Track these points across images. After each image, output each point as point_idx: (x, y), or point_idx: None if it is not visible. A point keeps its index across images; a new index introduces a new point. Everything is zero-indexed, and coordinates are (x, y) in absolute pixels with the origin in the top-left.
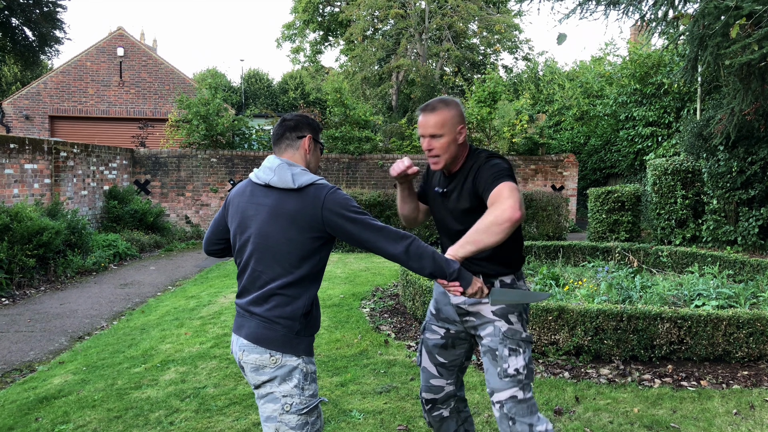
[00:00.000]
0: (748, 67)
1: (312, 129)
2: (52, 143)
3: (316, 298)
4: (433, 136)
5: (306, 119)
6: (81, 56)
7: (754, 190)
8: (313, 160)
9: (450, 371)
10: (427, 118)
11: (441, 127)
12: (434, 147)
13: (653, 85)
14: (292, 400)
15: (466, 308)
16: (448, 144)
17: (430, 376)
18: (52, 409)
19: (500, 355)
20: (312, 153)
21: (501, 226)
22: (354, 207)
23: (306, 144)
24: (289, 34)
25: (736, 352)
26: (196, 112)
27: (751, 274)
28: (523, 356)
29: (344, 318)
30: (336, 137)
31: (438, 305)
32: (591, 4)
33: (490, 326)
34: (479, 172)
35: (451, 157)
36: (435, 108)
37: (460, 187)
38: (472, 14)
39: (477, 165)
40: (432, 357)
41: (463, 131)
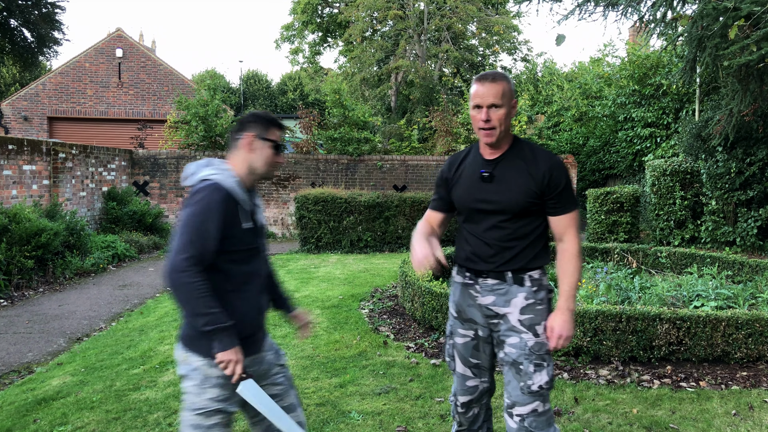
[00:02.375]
0: (747, 68)
1: (258, 126)
2: (50, 144)
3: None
4: (493, 107)
5: (252, 117)
6: (80, 57)
7: (752, 191)
8: (257, 159)
9: (483, 371)
10: (487, 87)
11: (501, 97)
12: (492, 118)
13: (652, 86)
14: (189, 398)
15: (495, 310)
16: (505, 116)
17: (465, 379)
18: (51, 410)
19: (525, 370)
20: (256, 152)
21: (581, 258)
22: (188, 213)
23: (245, 143)
24: (288, 36)
25: (735, 352)
26: (194, 113)
27: (750, 274)
28: (547, 370)
29: (343, 319)
30: (335, 138)
31: (459, 307)
32: (590, 5)
33: (516, 337)
34: (557, 177)
35: (505, 131)
36: (495, 78)
37: (511, 173)
38: (471, 15)
39: (547, 161)
40: (465, 360)
41: (515, 105)
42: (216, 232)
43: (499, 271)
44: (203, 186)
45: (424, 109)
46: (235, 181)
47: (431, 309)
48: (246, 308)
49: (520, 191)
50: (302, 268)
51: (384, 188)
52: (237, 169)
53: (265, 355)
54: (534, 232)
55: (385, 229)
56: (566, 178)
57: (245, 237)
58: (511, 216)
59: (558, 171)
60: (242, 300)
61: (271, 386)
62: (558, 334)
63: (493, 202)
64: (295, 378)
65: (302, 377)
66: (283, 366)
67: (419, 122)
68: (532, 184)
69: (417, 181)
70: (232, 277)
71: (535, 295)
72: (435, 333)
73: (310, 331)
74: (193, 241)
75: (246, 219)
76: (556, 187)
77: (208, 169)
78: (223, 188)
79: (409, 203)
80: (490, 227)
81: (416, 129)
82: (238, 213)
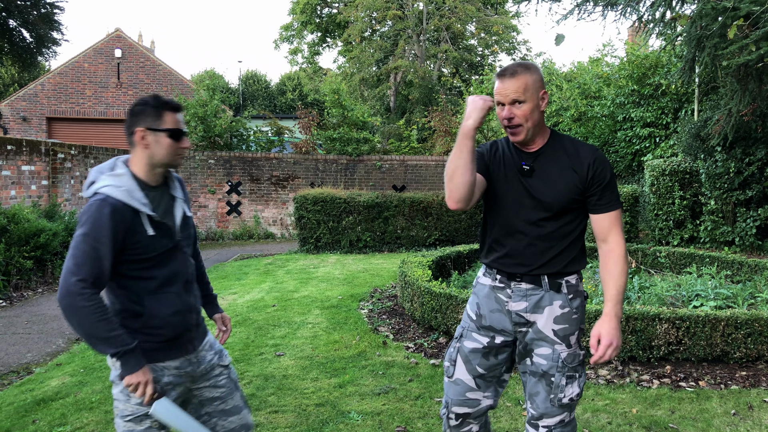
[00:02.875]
0: (746, 68)
1: (148, 117)
2: (49, 145)
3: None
4: (515, 103)
5: (139, 107)
6: (78, 58)
7: (751, 190)
8: (155, 154)
9: (488, 383)
10: (506, 83)
11: (523, 92)
12: (515, 115)
13: (651, 86)
14: (118, 405)
15: (526, 317)
16: (531, 111)
17: (466, 388)
18: (50, 411)
19: (557, 383)
20: (152, 146)
21: (627, 261)
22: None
23: (137, 139)
24: (287, 36)
25: (734, 352)
26: (193, 113)
27: (749, 274)
28: (578, 381)
29: (342, 319)
30: (334, 138)
31: (481, 310)
32: (589, 5)
33: (548, 348)
34: (602, 171)
35: (534, 125)
36: (515, 72)
37: (553, 167)
38: (470, 15)
39: (591, 153)
40: (470, 367)
41: (545, 97)
42: (109, 252)
43: (535, 275)
44: (91, 203)
45: (423, 109)
46: (126, 189)
47: (431, 309)
48: (167, 311)
49: (564, 186)
50: (301, 269)
51: (383, 188)
52: (136, 168)
53: (204, 356)
54: (573, 232)
55: (385, 229)
56: (611, 173)
57: (153, 243)
58: (552, 214)
59: (603, 165)
60: (162, 303)
61: (212, 388)
62: (608, 343)
63: (534, 197)
64: (294, 378)
65: (301, 377)
66: (226, 367)
67: (418, 122)
68: (576, 179)
69: (416, 181)
70: (148, 281)
71: (570, 303)
72: (434, 333)
73: (227, 338)
74: (84, 264)
75: (151, 225)
76: (600, 182)
77: (102, 179)
78: (111, 203)
79: (408, 203)
80: (529, 225)
81: (415, 129)
82: (139, 221)
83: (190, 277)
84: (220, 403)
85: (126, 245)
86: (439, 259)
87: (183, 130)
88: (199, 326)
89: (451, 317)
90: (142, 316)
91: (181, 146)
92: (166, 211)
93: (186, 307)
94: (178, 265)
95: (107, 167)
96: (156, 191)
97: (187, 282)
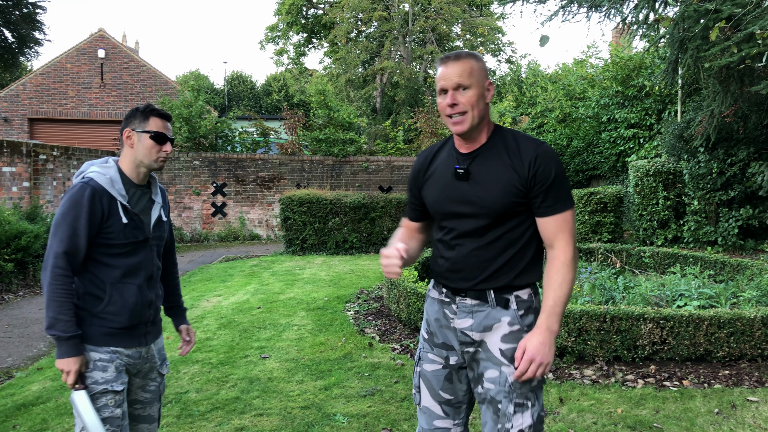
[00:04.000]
0: (728, 69)
1: (136, 120)
2: (31, 146)
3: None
4: (459, 88)
5: (131, 111)
6: (61, 58)
7: (733, 191)
8: (139, 153)
9: (457, 409)
10: (449, 67)
11: (468, 76)
12: (459, 102)
13: (635, 87)
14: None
15: (472, 336)
16: (477, 98)
17: (433, 417)
18: (30, 416)
19: (503, 411)
20: (137, 146)
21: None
22: (58, 212)
23: (125, 138)
24: (273, 36)
25: (717, 351)
26: (178, 114)
27: (732, 274)
28: (531, 411)
29: (328, 321)
30: (320, 139)
31: (431, 327)
32: (573, 6)
33: (495, 370)
34: (545, 169)
35: (479, 116)
36: (459, 56)
37: (491, 168)
38: (455, 17)
39: (532, 149)
40: (434, 393)
41: (491, 88)
42: (85, 229)
43: (480, 290)
44: (74, 185)
45: (409, 111)
46: (110, 178)
47: (417, 310)
48: (127, 300)
49: (502, 189)
50: (287, 270)
51: (369, 189)
52: (124, 165)
53: (153, 355)
54: (520, 240)
55: (371, 230)
56: (556, 169)
57: (125, 231)
58: (491, 220)
59: (546, 161)
60: (123, 291)
61: (141, 390)
62: (530, 358)
63: (469, 203)
64: (279, 381)
65: (287, 380)
66: (161, 376)
67: (404, 123)
68: (516, 180)
69: (402, 182)
70: (113, 269)
71: (521, 320)
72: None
73: (188, 349)
74: (63, 239)
75: (125, 214)
76: (543, 181)
77: (91, 168)
78: (92, 185)
79: (394, 204)
80: (467, 235)
81: (401, 130)
82: (115, 208)
83: (155, 274)
84: (140, 407)
85: (101, 229)
86: (426, 260)
87: (167, 135)
88: (155, 324)
89: None
90: (102, 301)
91: (163, 149)
92: (143, 209)
93: (144, 301)
94: (144, 259)
95: (99, 161)
96: (138, 190)
97: (150, 278)
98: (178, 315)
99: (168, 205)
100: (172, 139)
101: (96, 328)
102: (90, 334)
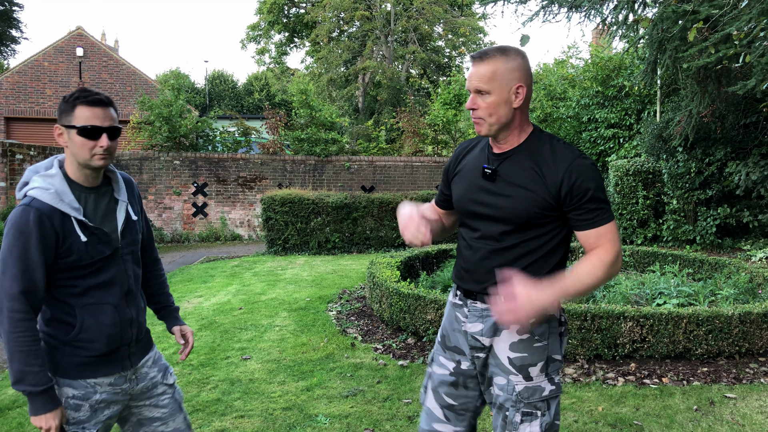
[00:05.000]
0: (705, 70)
1: (63, 114)
2: (7, 145)
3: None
4: (479, 92)
5: (60, 104)
6: (38, 56)
7: (711, 190)
8: (75, 152)
9: (460, 416)
10: (474, 68)
11: (489, 81)
12: (479, 107)
13: (615, 87)
14: None
15: (482, 341)
16: (496, 105)
17: (433, 419)
18: (6, 420)
19: (510, 419)
20: (69, 144)
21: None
22: (5, 246)
23: (57, 136)
24: (254, 35)
25: (696, 349)
26: (158, 113)
27: (710, 272)
28: (540, 420)
29: (310, 321)
30: (302, 139)
31: (445, 330)
32: (554, 7)
33: (504, 378)
34: (581, 183)
35: (498, 123)
36: (486, 55)
37: (519, 174)
38: (437, 17)
39: (566, 161)
40: (438, 396)
41: (521, 92)
42: (39, 260)
43: (489, 294)
44: (16, 209)
45: (391, 110)
46: (55, 192)
47: (399, 310)
48: (102, 323)
49: (527, 197)
50: (269, 270)
51: (352, 189)
52: (68, 168)
53: (146, 372)
54: (540, 249)
55: (353, 230)
56: (595, 183)
57: (87, 250)
58: (513, 227)
59: (582, 175)
60: (96, 316)
61: (153, 408)
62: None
63: (491, 206)
64: (260, 382)
65: (268, 381)
66: (171, 386)
67: (387, 123)
68: (544, 192)
69: (385, 181)
70: (80, 291)
71: (532, 329)
72: (403, 334)
73: (188, 352)
74: (15, 276)
75: (83, 231)
76: (580, 197)
77: (34, 180)
78: (36, 206)
79: (377, 204)
80: (486, 237)
81: (384, 130)
82: (70, 226)
83: (132, 286)
84: (160, 425)
85: (58, 254)
86: (408, 260)
87: (100, 126)
88: (140, 341)
89: (420, 318)
90: (74, 327)
91: (98, 145)
92: (105, 215)
93: (123, 321)
94: (116, 275)
95: (43, 167)
96: (93, 193)
97: (128, 293)
98: (169, 316)
99: (138, 197)
100: (113, 128)
101: (69, 358)
102: (62, 365)
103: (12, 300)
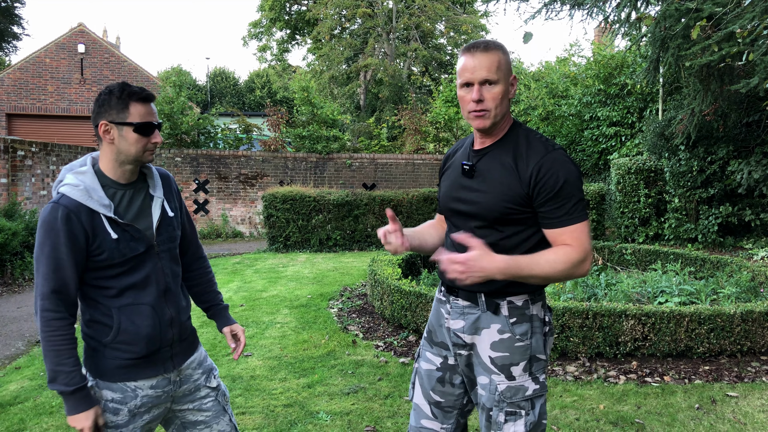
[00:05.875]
0: (708, 68)
1: (113, 110)
2: (8, 142)
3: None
4: (486, 83)
5: (97, 101)
6: (40, 52)
7: (713, 188)
8: (123, 149)
9: (447, 414)
10: (478, 59)
11: (496, 71)
12: (486, 98)
13: (617, 85)
14: None
15: (464, 338)
16: (502, 95)
17: (422, 415)
18: (8, 416)
19: (494, 419)
20: (117, 140)
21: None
22: (36, 245)
23: (102, 133)
24: (256, 33)
25: (697, 347)
26: (160, 110)
27: (711, 270)
28: (524, 420)
29: (312, 318)
30: (303, 136)
31: (431, 326)
32: (556, 4)
33: (486, 377)
34: (550, 177)
35: (501, 114)
36: (488, 47)
37: (495, 169)
38: (439, 14)
39: (539, 154)
40: (425, 393)
41: (515, 83)
42: (69, 258)
43: (471, 291)
44: (45, 207)
45: (393, 108)
46: (84, 189)
47: (400, 307)
48: (140, 325)
49: (500, 193)
50: (270, 268)
51: (353, 186)
52: (104, 164)
53: (189, 374)
54: (519, 247)
55: (355, 227)
56: (565, 177)
57: (119, 248)
58: (488, 223)
59: (552, 168)
60: (133, 316)
61: (196, 412)
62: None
63: (467, 202)
64: (262, 379)
65: (270, 378)
66: (214, 389)
67: (388, 120)
68: (517, 186)
69: (386, 179)
70: (116, 294)
71: (513, 328)
72: (404, 331)
73: (241, 351)
74: (46, 275)
75: (113, 228)
76: (548, 191)
77: (66, 177)
78: (64, 204)
79: (378, 201)
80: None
81: (385, 127)
82: (100, 223)
83: (171, 285)
84: (204, 428)
85: (89, 252)
86: (409, 257)
87: (153, 122)
88: (184, 341)
89: (421, 315)
90: (111, 329)
91: (152, 141)
92: (139, 211)
93: (163, 321)
94: (152, 273)
95: (78, 164)
96: (128, 189)
97: (166, 291)
98: (218, 315)
99: (176, 193)
100: (160, 124)
101: (109, 360)
102: (102, 367)
103: (44, 299)
